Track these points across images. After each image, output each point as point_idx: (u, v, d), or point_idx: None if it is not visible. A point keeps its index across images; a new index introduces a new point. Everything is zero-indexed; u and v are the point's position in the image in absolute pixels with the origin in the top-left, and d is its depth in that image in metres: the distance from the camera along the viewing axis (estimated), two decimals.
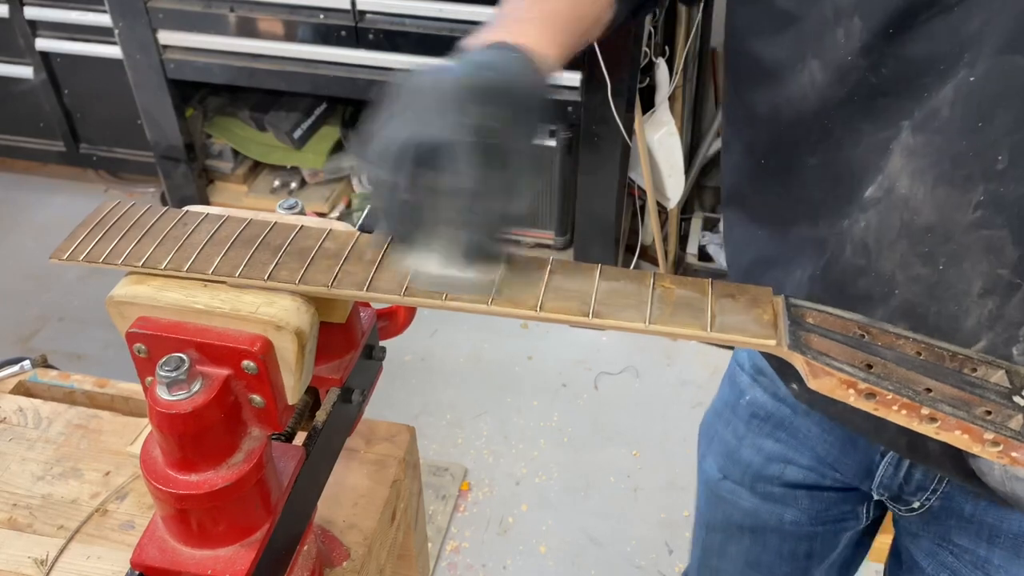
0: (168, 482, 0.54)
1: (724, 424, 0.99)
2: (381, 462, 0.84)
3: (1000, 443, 0.47)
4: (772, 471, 0.92)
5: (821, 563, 0.99)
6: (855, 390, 0.49)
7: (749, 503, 0.95)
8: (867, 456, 0.83)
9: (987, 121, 0.56)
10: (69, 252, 0.58)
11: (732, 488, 0.96)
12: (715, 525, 1.02)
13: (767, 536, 0.96)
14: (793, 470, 0.90)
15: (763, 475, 0.93)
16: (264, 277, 0.54)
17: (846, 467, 0.86)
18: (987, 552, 0.80)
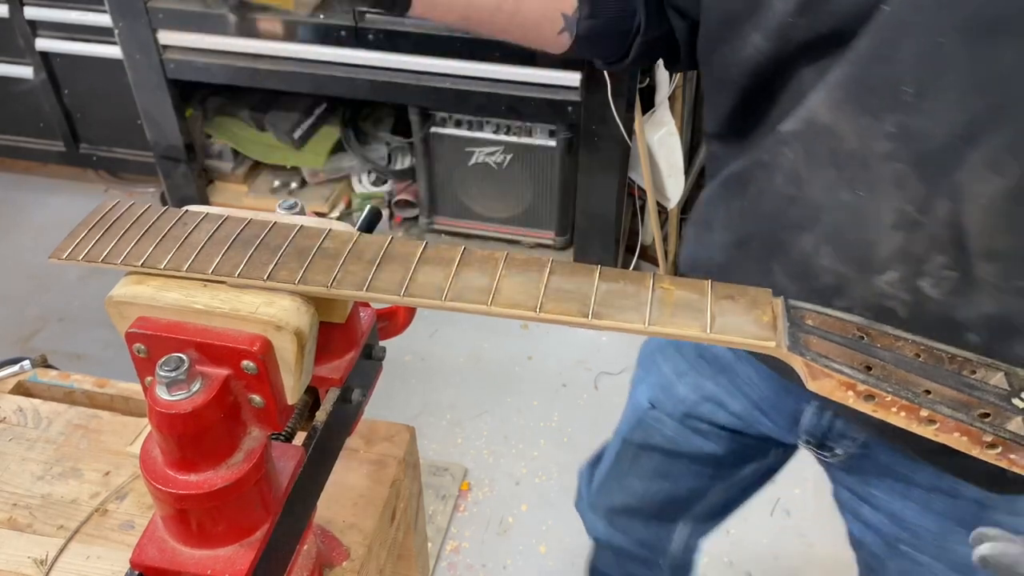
0: (168, 482, 0.54)
1: (665, 359, 1.04)
2: (381, 462, 0.84)
3: (998, 445, 0.48)
4: (704, 410, 0.99)
5: (724, 482, 1.11)
6: (854, 392, 0.49)
7: (672, 432, 1.03)
8: (797, 404, 0.89)
9: (895, 51, 0.58)
10: (68, 252, 0.58)
11: (659, 417, 1.04)
12: (632, 441, 1.10)
13: (681, 458, 1.05)
14: (724, 414, 0.98)
15: (694, 413, 1.00)
16: (264, 277, 0.54)
17: (776, 413, 0.94)
18: (901, 507, 0.87)
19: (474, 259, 0.56)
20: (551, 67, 2.07)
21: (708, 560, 1.81)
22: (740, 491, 1.18)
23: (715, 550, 1.83)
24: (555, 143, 2.27)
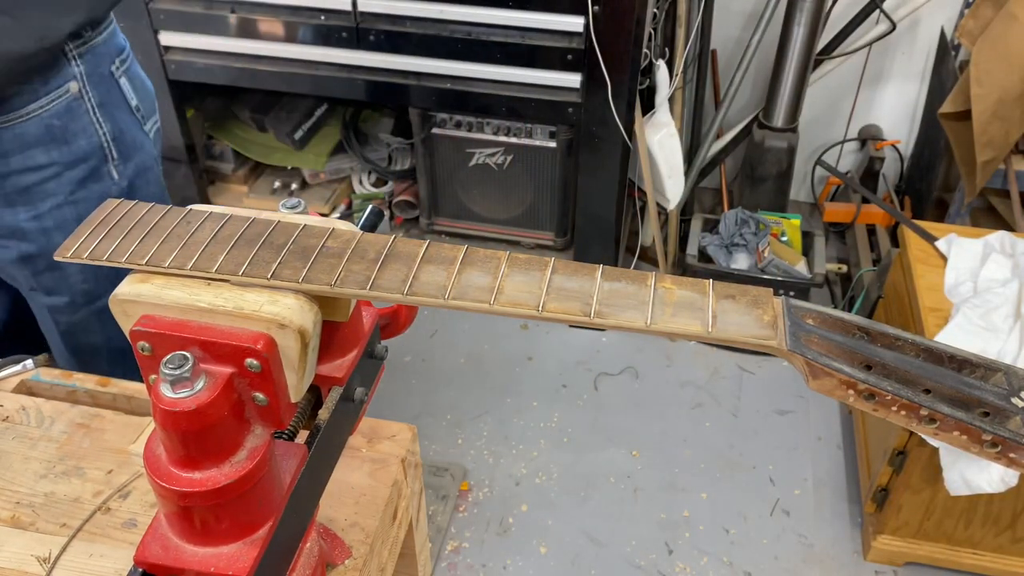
0: (171, 479, 0.54)
1: None
2: (383, 461, 0.84)
3: (998, 444, 0.48)
4: None
5: None
6: (855, 391, 0.50)
7: None
8: None
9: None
10: (73, 250, 0.58)
11: None
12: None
13: None
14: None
15: None
16: (267, 276, 0.55)
17: None
18: None
19: (476, 258, 0.56)
20: (551, 68, 2.07)
21: (708, 560, 1.81)
22: None
23: (715, 550, 1.83)
24: (555, 144, 2.27)
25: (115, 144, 1.11)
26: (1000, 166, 2.08)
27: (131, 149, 1.13)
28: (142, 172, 1.16)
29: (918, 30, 2.46)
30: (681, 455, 2.04)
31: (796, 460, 2.03)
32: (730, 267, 2.34)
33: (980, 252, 1.66)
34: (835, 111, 2.66)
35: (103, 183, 1.11)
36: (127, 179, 1.14)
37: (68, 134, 1.05)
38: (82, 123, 1.06)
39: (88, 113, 1.07)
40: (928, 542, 1.73)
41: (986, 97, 1.91)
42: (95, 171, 1.09)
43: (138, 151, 1.15)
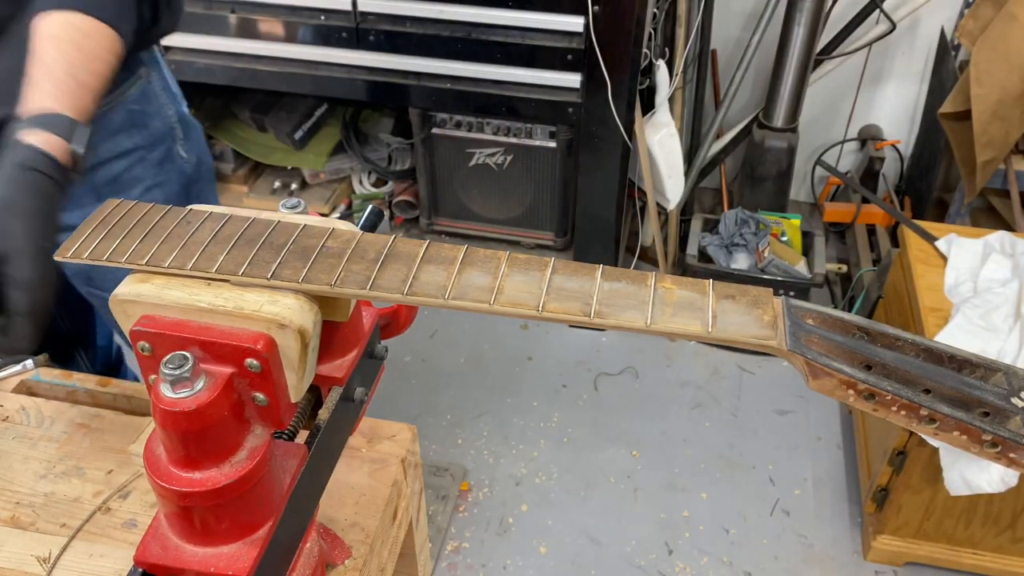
0: (171, 479, 0.54)
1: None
2: (383, 461, 0.84)
3: (998, 444, 0.48)
4: None
5: None
6: (855, 391, 0.50)
7: None
8: None
9: None
10: (73, 250, 0.58)
11: None
12: None
13: None
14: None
15: None
16: (267, 276, 0.55)
17: None
18: None
19: (476, 258, 0.56)
20: (551, 68, 2.07)
21: (708, 560, 1.81)
22: None
23: (715, 550, 1.83)
24: (555, 144, 2.27)
25: (180, 123, 1.13)
26: (1000, 166, 2.08)
27: (189, 126, 1.16)
28: (201, 148, 1.18)
29: (918, 30, 2.46)
30: (681, 455, 2.04)
31: (796, 460, 2.03)
32: (730, 267, 2.34)
33: (980, 252, 1.66)
34: (835, 111, 2.66)
35: (176, 162, 1.12)
36: (194, 155, 1.16)
37: (146, 117, 1.08)
38: (155, 105, 1.09)
39: (157, 95, 1.09)
40: (928, 542, 1.73)
41: (986, 97, 1.91)
42: (169, 151, 1.11)
43: (194, 127, 1.17)
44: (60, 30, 0.82)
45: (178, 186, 1.13)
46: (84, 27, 0.83)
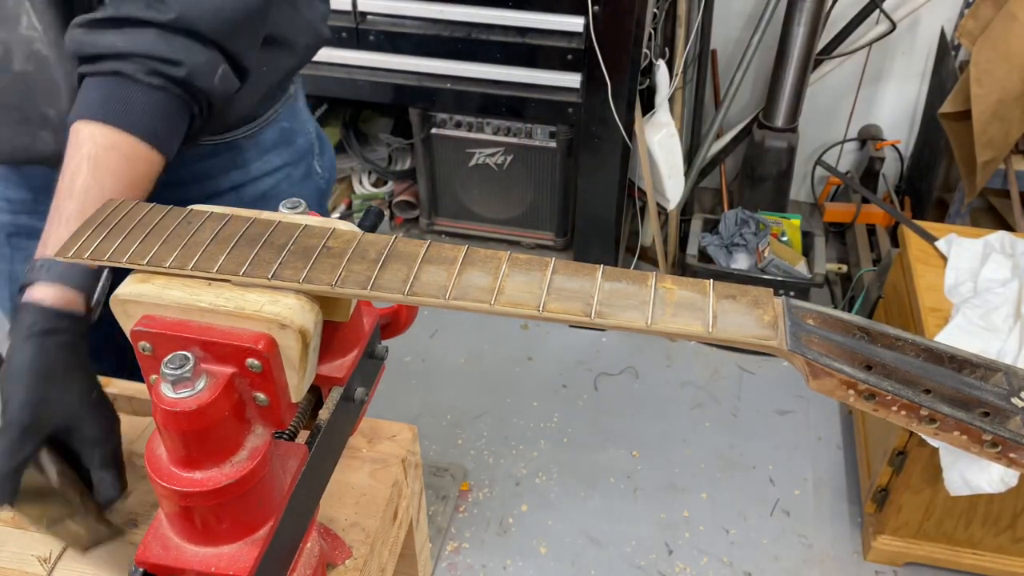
0: (172, 479, 0.54)
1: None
2: (383, 461, 0.84)
3: (998, 444, 0.48)
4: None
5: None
6: (855, 391, 0.50)
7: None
8: None
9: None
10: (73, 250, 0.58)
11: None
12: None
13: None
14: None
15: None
16: (268, 276, 0.55)
17: None
18: None
19: (477, 258, 0.56)
20: (551, 68, 2.07)
21: (708, 560, 1.81)
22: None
23: (715, 550, 1.83)
24: (555, 144, 2.27)
25: (318, 138, 1.12)
26: (1000, 166, 2.08)
27: (324, 142, 1.15)
28: (332, 163, 1.17)
29: (918, 30, 2.46)
30: (681, 455, 2.04)
31: (796, 460, 2.03)
32: (730, 267, 2.34)
33: (980, 252, 1.66)
34: (835, 111, 2.66)
35: (313, 178, 1.11)
36: (327, 171, 1.14)
37: (293, 134, 1.06)
38: (299, 121, 1.08)
39: (301, 111, 1.08)
40: (928, 542, 1.73)
41: (986, 97, 1.91)
42: (308, 167, 1.10)
43: (326, 143, 1.16)
44: (101, 152, 0.72)
45: (315, 202, 1.11)
46: (128, 150, 0.73)
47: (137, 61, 0.73)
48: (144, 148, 0.74)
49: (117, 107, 0.73)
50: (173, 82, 0.74)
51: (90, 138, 0.72)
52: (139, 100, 0.74)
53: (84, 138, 0.72)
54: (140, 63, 0.73)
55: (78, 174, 0.71)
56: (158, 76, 0.74)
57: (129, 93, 0.74)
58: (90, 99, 0.74)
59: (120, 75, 0.73)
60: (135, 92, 0.74)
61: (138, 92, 0.74)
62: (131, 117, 0.73)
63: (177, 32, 0.74)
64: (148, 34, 0.73)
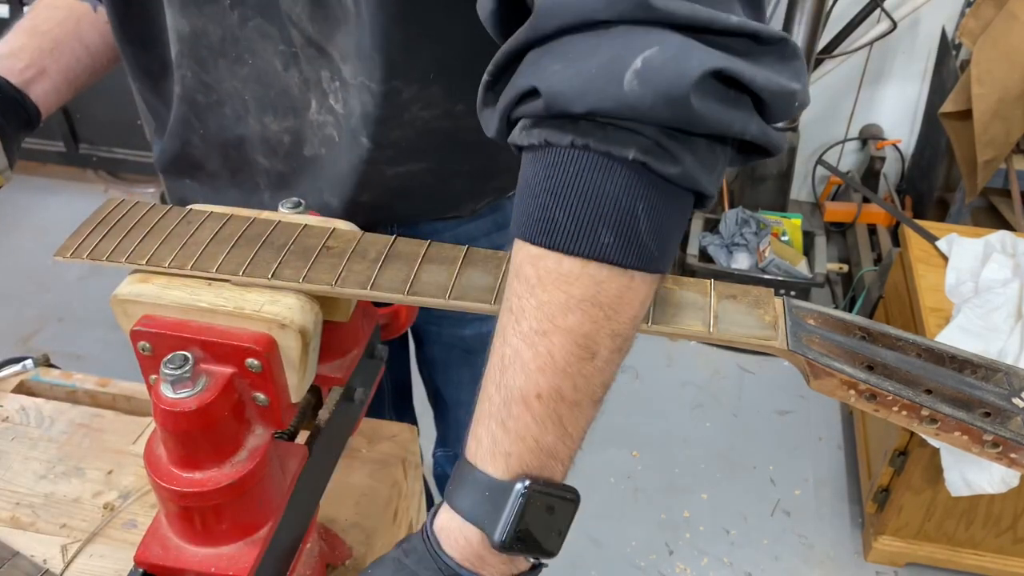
0: (172, 480, 0.54)
1: None
2: (383, 461, 0.84)
3: (999, 444, 0.48)
4: None
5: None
6: (856, 391, 0.50)
7: None
8: None
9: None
10: (73, 250, 0.58)
11: None
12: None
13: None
14: None
15: None
16: (268, 275, 0.55)
17: None
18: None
19: (477, 258, 0.56)
20: None
21: (708, 560, 1.81)
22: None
23: (715, 550, 1.83)
24: None
25: None
26: (1001, 165, 2.08)
27: None
28: None
29: (919, 29, 2.46)
30: (681, 455, 2.04)
31: (796, 460, 2.03)
32: (731, 267, 2.34)
33: (981, 252, 1.66)
34: (836, 110, 2.65)
35: None
36: None
37: None
38: None
39: None
40: (929, 543, 1.72)
41: (987, 96, 1.90)
42: None
43: None
44: (558, 314, 0.46)
45: None
46: (599, 288, 0.46)
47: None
48: (626, 280, 0.47)
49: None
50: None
51: (541, 285, 0.47)
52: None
53: (525, 285, 0.47)
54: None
55: (509, 367, 0.49)
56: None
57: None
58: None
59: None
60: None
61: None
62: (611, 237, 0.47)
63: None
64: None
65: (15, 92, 0.81)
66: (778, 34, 0.45)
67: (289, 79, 0.75)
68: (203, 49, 0.75)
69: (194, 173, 0.87)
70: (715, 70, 0.42)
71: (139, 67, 0.83)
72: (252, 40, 0.73)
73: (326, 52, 0.72)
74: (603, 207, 0.44)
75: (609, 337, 0.47)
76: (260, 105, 0.78)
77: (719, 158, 0.47)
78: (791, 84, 0.45)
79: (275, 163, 0.82)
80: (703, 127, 0.43)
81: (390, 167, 0.78)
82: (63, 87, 0.86)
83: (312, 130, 0.78)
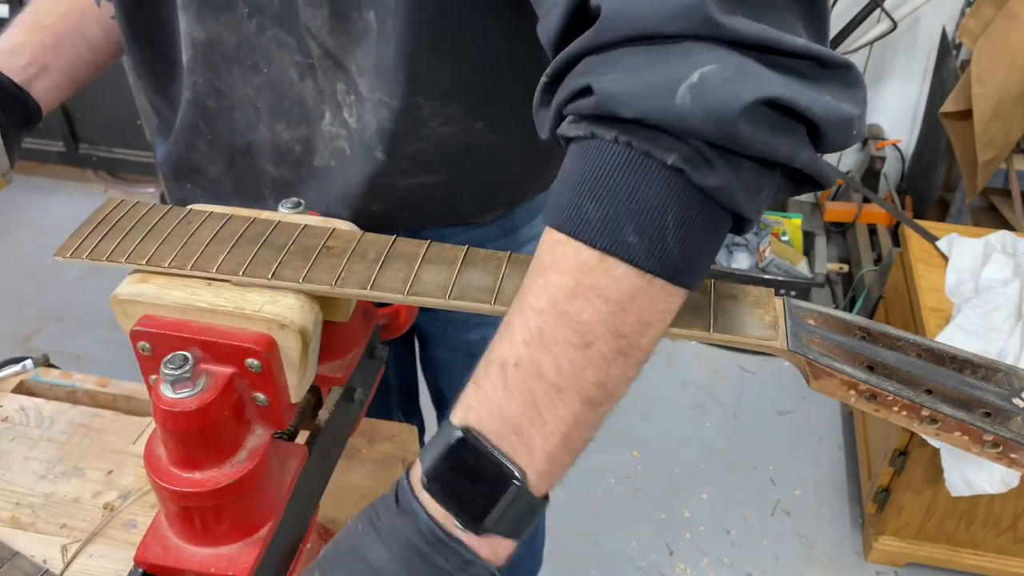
0: (172, 480, 0.54)
1: None
2: (383, 461, 0.84)
3: (999, 444, 0.48)
4: None
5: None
6: (856, 391, 0.50)
7: None
8: None
9: None
10: (73, 250, 0.58)
11: None
12: None
13: None
14: None
15: None
16: (268, 276, 0.55)
17: None
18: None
19: (477, 258, 0.56)
20: None
21: (708, 560, 1.81)
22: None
23: (715, 550, 1.83)
24: None
25: None
26: (1001, 165, 2.08)
27: None
28: None
29: (919, 29, 2.46)
30: (681, 455, 2.04)
31: (797, 460, 2.03)
32: (731, 267, 2.34)
33: (981, 252, 1.66)
34: None
35: None
36: None
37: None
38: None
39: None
40: (929, 543, 1.72)
41: (987, 96, 1.90)
42: None
43: None
44: (561, 297, 0.45)
45: None
46: (611, 283, 0.44)
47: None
48: (660, 289, 0.46)
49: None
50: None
51: (567, 272, 0.46)
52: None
53: (554, 272, 0.46)
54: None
55: (527, 345, 0.47)
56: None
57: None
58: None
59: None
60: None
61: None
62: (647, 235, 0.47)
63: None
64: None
65: (17, 90, 0.80)
66: (843, 60, 0.45)
67: (304, 89, 0.75)
68: (217, 56, 0.75)
69: (196, 178, 0.87)
70: (770, 98, 0.42)
71: (145, 66, 0.83)
72: (268, 49, 0.73)
73: (343, 66, 0.72)
74: (633, 206, 0.44)
75: (610, 333, 0.45)
76: (273, 113, 0.77)
77: (765, 183, 0.46)
78: (851, 112, 0.45)
79: (283, 171, 0.81)
80: (749, 150, 0.43)
81: (402, 179, 0.78)
82: (64, 84, 0.85)
83: (324, 141, 0.78)
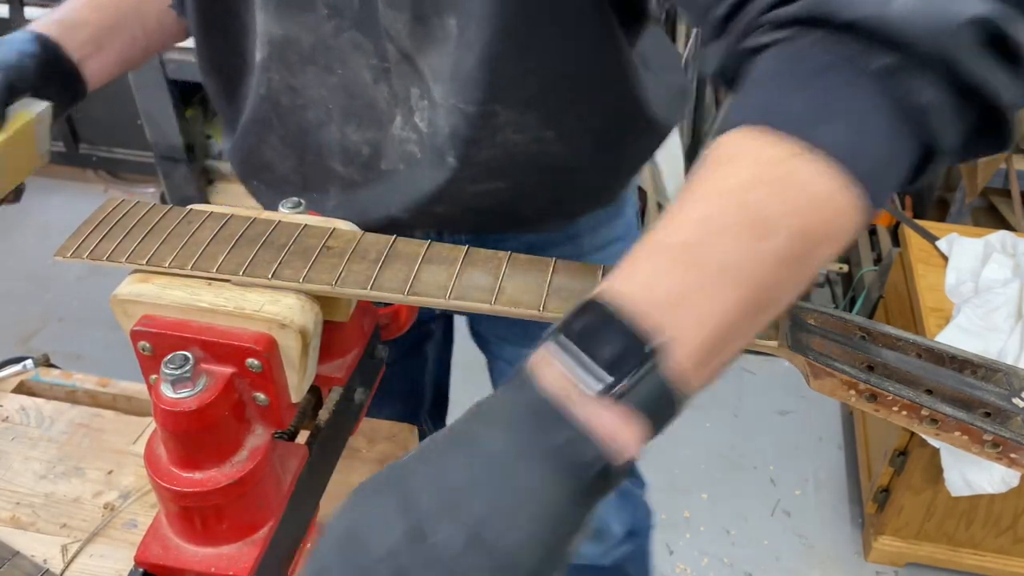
0: (172, 480, 0.54)
1: None
2: (384, 461, 0.84)
3: (999, 444, 0.48)
4: None
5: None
6: (856, 391, 0.50)
7: None
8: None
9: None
10: (73, 250, 0.58)
11: None
12: None
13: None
14: None
15: None
16: (268, 275, 0.55)
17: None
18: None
19: (478, 258, 0.56)
20: None
21: (708, 560, 1.81)
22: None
23: (715, 550, 1.83)
24: None
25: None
26: (1001, 165, 2.08)
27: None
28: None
29: None
30: (681, 455, 2.04)
31: (797, 460, 2.03)
32: None
33: (981, 252, 1.66)
34: None
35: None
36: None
37: (626, 204, 0.97)
38: (629, 191, 0.99)
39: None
40: (929, 543, 1.72)
41: None
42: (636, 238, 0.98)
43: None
44: (737, 188, 0.41)
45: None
46: (813, 195, 0.41)
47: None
48: (843, 191, 0.43)
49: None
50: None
51: (744, 158, 0.43)
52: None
53: (731, 163, 0.43)
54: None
55: (692, 224, 0.42)
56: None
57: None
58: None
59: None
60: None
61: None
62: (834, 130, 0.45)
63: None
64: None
65: (71, 68, 0.79)
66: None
67: (377, 92, 0.75)
68: (293, 55, 0.75)
69: (264, 174, 0.87)
70: (991, 19, 0.40)
71: (214, 59, 0.82)
72: (344, 51, 0.73)
73: (419, 70, 0.72)
74: (838, 105, 0.41)
75: (788, 231, 0.39)
76: (344, 114, 0.77)
77: (963, 121, 0.43)
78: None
79: (351, 171, 0.81)
80: (959, 73, 0.41)
81: (472, 185, 0.78)
82: (114, 67, 0.83)
83: (393, 145, 0.78)
